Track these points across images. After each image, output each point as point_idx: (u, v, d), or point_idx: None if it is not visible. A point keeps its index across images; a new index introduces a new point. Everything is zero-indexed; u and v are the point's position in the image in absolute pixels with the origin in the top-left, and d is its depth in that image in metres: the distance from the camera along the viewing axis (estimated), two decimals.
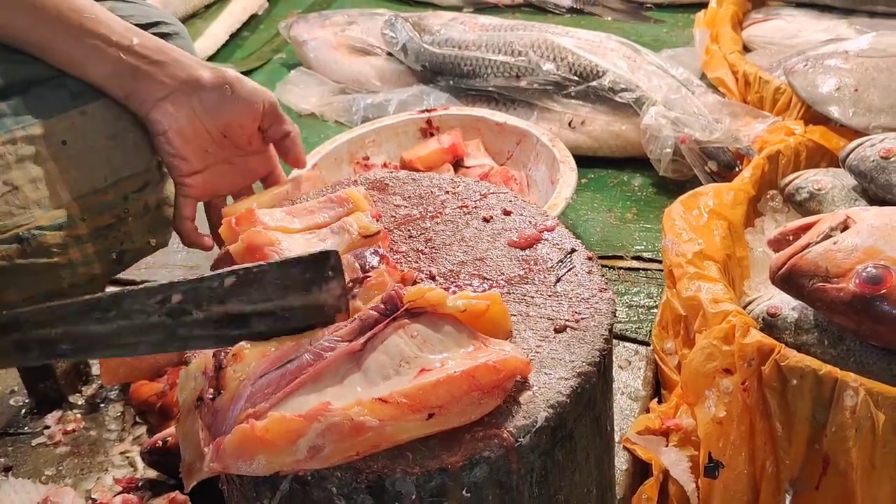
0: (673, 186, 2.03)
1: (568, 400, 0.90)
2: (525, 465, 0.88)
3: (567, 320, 0.98)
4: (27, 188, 1.16)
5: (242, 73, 2.73)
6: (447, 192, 1.21)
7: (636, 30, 2.78)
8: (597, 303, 1.00)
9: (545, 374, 0.92)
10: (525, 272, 1.06)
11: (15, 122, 1.15)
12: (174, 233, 1.40)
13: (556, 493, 0.94)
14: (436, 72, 2.38)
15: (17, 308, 0.93)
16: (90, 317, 0.86)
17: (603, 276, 1.05)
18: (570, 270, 1.05)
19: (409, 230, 1.15)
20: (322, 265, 0.90)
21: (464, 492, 0.86)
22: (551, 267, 1.06)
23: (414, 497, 0.85)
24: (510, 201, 1.18)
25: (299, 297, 0.89)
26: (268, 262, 0.90)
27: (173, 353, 1.54)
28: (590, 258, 1.07)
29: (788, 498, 1.27)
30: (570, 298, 1.01)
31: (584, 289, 1.02)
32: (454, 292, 1.03)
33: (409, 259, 1.10)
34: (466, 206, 1.18)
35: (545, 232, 1.11)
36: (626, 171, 2.16)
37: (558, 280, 1.04)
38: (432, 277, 1.06)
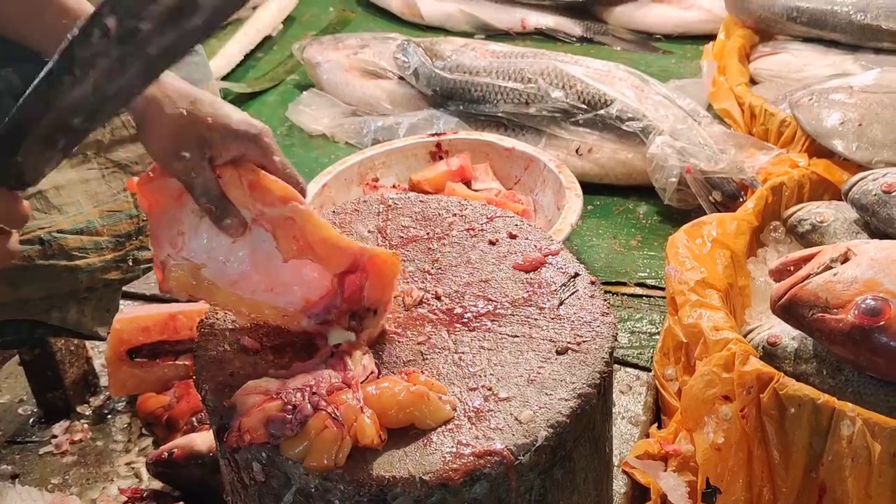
0: (677, 215, 2.04)
1: (568, 420, 0.92)
2: (524, 483, 0.90)
3: (569, 343, 1.00)
4: (50, 193, 1.19)
5: (256, 93, 2.80)
6: (454, 215, 1.23)
7: (645, 60, 2.81)
8: (598, 326, 1.02)
9: (546, 394, 0.94)
10: (529, 294, 1.08)
11: None
12: None
13: None
14: (446, 96, 2.41)
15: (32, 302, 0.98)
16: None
17: (605, 300, 1.07)
18: (573, 294, 1.07)
19: (415, 250, 1.17)
20: None
21: None
22: (555, 290, 1.08)
23: None
24: (516, 225, 1.20)
25: None
26: None
27: (181, 368, 1.57)
28: (592, 282, 1.09)
29: None
30: (573, 321, 1.04)
31: (586, 312, 1.05)
32: (458, 313, 1.06)
33: (416, 279, 1.12)
34: (473, 229, 1.20)
35: (549, 256, 1.14)
36: (632, 198, 2.18)
37: (561, 303, 1.06)
38: (438, 297, 1.09)
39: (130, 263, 1.32)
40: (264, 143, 1.07)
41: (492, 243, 1.17)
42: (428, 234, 1.20)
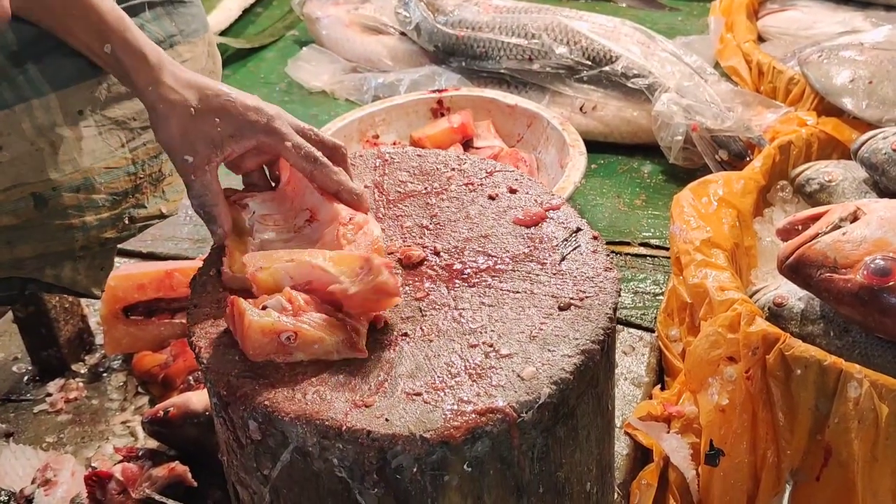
0: (683, 174, 2.02)
1: (571, 377, 0.89)
2: (526, 440, 0.88)
3: (571, 298, 0.98)
4: (46, 151, 1.16)
5: (255, 48, 2.76)
6: (453, 169, 1.20)
7: (651, 17, 2.77)
8: (601, 282, 1.00)
9: (549, 350, 0.92)
10: (530, 250, 1.05)
11: (31, 91, 1.14)
12: (182, 204, 1.40)
13: (557, 471, 0.93)
14: (448, 52, 2.37)
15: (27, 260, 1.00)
16: None
17: (608, 255, 1.04)
18: (575, 249, 1.05)
19: (413, 205, 1.15)
20: None
21: (465, 466, 0.86)
22: (556, 245, 1.06)
23: (415, 469, 0.85)
24: (516, 179, 1.17)
25: None
26: None
27: (177, 326, 1.55)
28: (595, 238, 1.06)
29: (789, 488, 1.27)
30: (575, 277, 1.01)
31: (588, 268, 1.02)
32: (458, 269, 1.03)
33: (414, 234, 1.09)
34: (472, 184, 1.17)
35: (551, 211, 1.11)
36: (637, 157, 2.15)
37: (563, 258, 1.04)
38: (437, 253, 1.06)
39: (126, 222, 1.30)
40: (275, 130, 1.07)
41: (491, 198, 1.14)
42: (426, 188, 1.17)
